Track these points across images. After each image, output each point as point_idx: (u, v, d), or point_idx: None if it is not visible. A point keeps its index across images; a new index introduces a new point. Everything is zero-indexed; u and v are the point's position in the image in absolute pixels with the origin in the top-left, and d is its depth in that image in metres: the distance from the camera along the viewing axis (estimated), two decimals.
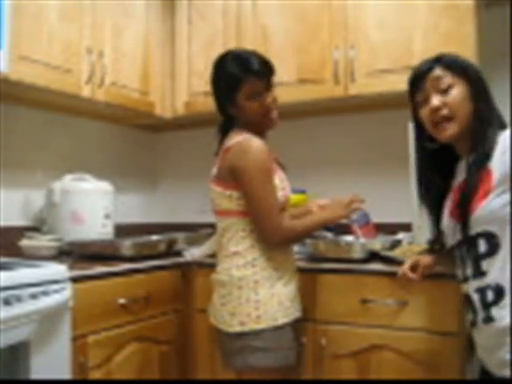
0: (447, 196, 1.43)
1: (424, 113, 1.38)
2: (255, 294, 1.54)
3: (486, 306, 1.25)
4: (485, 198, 1.24)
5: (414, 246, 1.91)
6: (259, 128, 1.66)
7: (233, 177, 1.56)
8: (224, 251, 1.62)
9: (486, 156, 1.26)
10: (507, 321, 1.21)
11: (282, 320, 1.55)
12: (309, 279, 1.88)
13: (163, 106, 2.67)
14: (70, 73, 2.14)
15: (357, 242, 1.89)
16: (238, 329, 1.54)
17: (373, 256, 1.90)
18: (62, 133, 2.54)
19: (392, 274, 1.78)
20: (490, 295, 1.24)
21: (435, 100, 1.34)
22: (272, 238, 1.55)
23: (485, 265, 1.25)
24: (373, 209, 2.47)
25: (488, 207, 1.23)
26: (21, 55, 1.92)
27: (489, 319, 1.24)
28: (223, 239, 1.63)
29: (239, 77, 1.58)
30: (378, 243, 1.95)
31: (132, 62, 2.49)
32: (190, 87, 2.65)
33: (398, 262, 1.80)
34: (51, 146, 2.48)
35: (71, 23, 2.14)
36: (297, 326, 1.65)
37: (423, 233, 1.97)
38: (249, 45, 2.47)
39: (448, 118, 1.33)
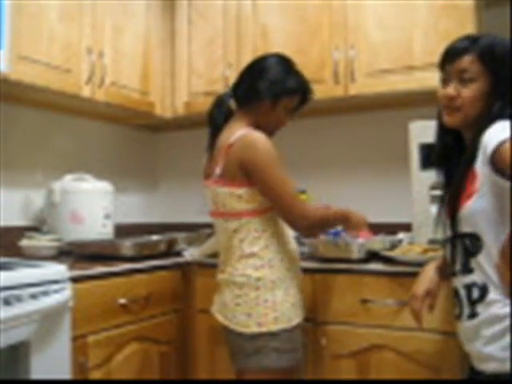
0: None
1: (440, 91, 1.34)
2: (272, 295, 1.54)
3: (472, 302, 1.25)
4: (470, 198, 1.23)
5: (414, 245, 1.91)
6: (263, 130, 1.64)
7: (243, 172, 1.54)
8: (237, 252, 1.59)
9: (474, 155, 1.23)
10: (486, 314, 1.22)
11: (295, 320, 1.57)
12: (309, 279, 1.88)
13: (163, 106, 2.67)
14: (69, 73, 2.14)
15: (356, 242, 1.89)
16: (255, 330, 1.53)
17: (372, 256, 1.90)
18: (62, 133, 2.54)
19: (392, 274, 1.79)
20: (475, 292, 1.24)
21: (451, 89, 1.30)
22: (302, 222, 1.55)
23: (472, 262, 1.25)
24: (373, 209, 2.48)
25: (470, 208, 1.23)
26: (21, 55, 1.93)
27: (473, 315, 1.25)
28: (233, 240, 1.59)
29: (298, 89, 1.67)
30: (378, 243, 1.95)
31: (132, 61, 2.49)
32: (190, 87, 2.65)
33: (397, 262, 1.80)
34: (51, 146, 2.49)
35: (71, 23, 2.15)
36: (302, 326, 1.66)
37: (423, 233, 1.98)
38: (249, 45, 2.47)
39: (457, 108, 1.29)
